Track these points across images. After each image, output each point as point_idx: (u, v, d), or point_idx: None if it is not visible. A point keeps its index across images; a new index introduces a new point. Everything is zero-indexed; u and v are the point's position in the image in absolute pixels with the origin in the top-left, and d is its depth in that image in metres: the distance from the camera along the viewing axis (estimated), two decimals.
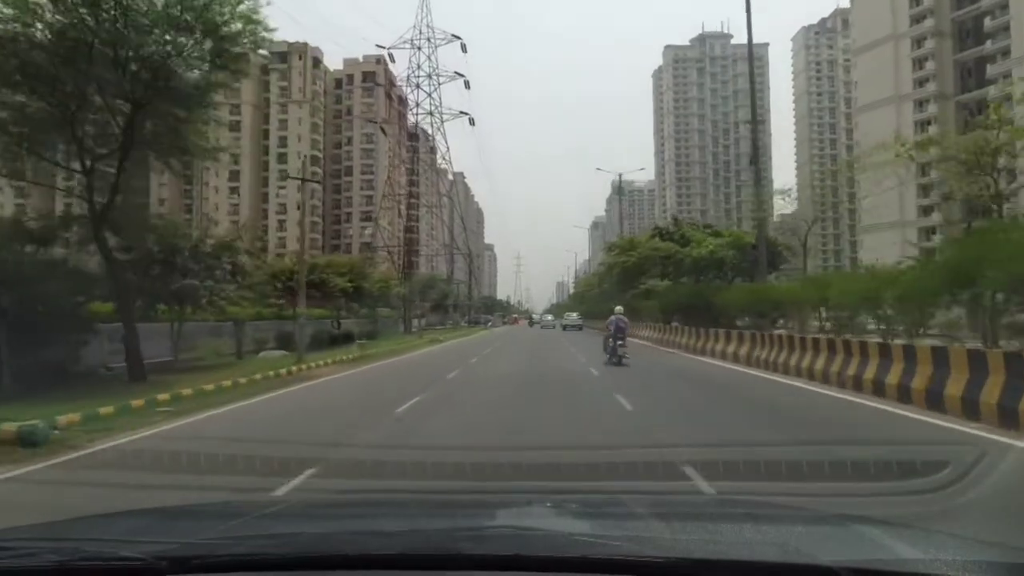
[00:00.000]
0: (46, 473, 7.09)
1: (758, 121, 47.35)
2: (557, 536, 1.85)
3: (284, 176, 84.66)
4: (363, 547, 1.64)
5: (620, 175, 67.61)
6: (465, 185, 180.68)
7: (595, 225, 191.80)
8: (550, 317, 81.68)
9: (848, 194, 72.21)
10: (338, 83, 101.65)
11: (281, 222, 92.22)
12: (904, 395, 10.82)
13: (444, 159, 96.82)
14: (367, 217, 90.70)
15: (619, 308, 21.01)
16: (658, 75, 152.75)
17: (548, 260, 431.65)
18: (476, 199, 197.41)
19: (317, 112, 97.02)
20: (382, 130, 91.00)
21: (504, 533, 1.84)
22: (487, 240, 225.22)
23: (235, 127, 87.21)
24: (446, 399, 12.93)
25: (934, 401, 10.00)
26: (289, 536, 1.85)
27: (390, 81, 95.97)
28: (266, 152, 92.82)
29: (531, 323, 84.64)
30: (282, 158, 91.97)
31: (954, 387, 9.68)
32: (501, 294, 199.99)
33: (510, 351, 29.77)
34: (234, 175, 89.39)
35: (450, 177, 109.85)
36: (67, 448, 8.11)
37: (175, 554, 1.55)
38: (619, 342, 19.21)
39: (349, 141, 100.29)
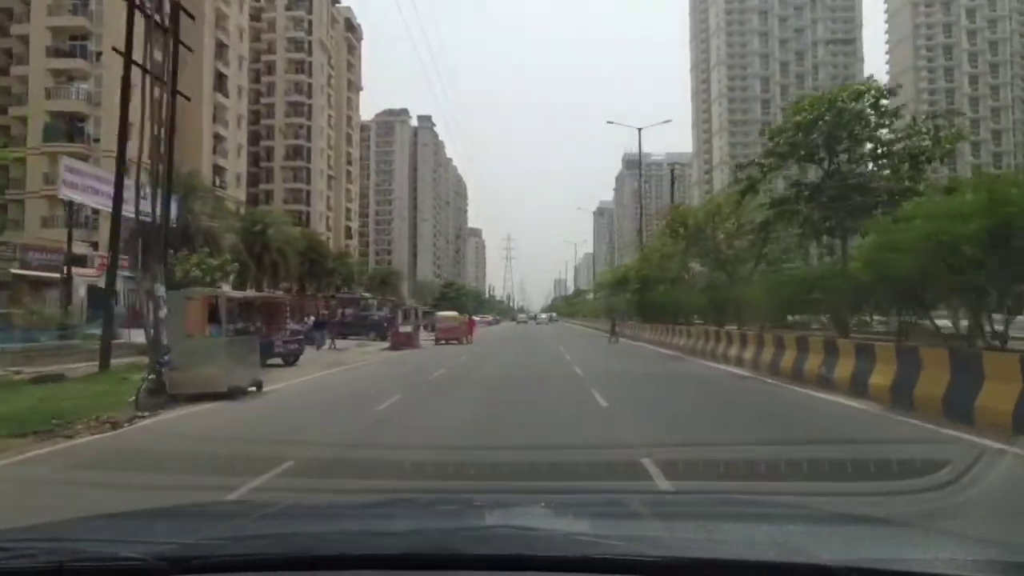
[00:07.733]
0: None
1: (845, 41, 31.47)
2: (558, 536, 1.85)
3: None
4: (363, 547, 1.65)
5: (639, 134, 45.32)
6: (434, 134, 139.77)
7: (600, 212, 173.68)
8: (544, 315, 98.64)
9: None
10: None
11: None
12: None
13: None
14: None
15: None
16: None
17: (547, 258, 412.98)
18: (455, 164, 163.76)
19: None
20: None
21: (504, 533, 1.84)
22: (473, 224, 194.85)
23: None
24: None
25: None
26: (290, 536, 1.85)
27: None
28: None
29: (536, 321, 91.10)
30: None
31: None
32: (489, 289, 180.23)
33: None
34: None
35: None
36: None
37: (175, 554, 1.54)
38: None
39: None
